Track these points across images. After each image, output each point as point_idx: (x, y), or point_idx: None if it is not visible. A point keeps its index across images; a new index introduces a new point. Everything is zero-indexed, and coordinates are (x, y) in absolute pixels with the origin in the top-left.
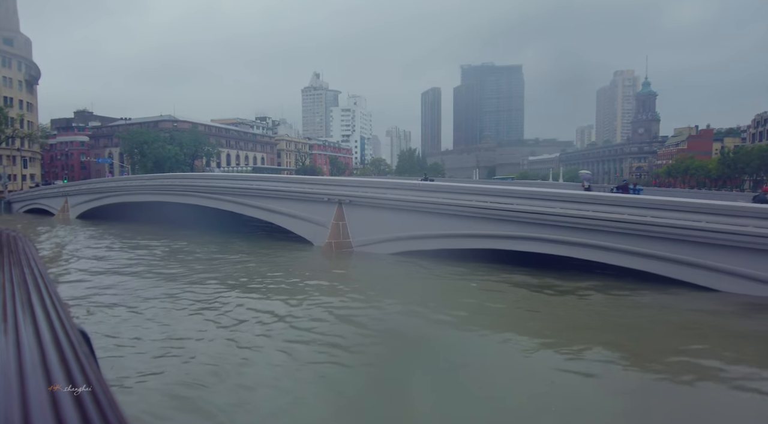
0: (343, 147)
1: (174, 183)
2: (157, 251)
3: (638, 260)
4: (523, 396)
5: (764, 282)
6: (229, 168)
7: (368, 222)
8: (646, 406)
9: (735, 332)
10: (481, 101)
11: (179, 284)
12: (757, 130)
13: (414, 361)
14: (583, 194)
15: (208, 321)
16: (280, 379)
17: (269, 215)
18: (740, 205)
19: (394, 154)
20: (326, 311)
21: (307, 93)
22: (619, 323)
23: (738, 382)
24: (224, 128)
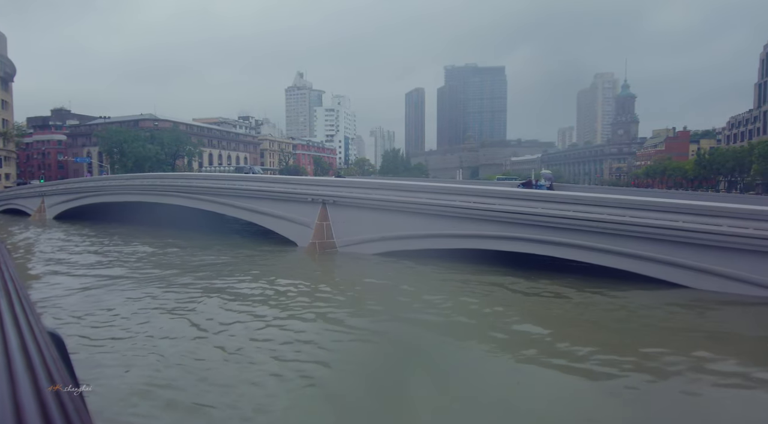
0: (327, 147)
1: (154, 183)
2: (135, 253)
3: (618, 259)
4: (490, 395)
5: (738, 280)
6: (212, 168)
7: (352, 222)
8: (610, 401)
9: (701, 330)
10: (464, 102)
11: (156, 285)
12: (732, 132)
13: (392, 360)
14: (563, 195)
15: (184, 323)
16: (259, 380)
17: (252, 215)
18: (714, 205)
19: (378, 154)
20: (306, 311)
21: (291, 93)
22: (591, 320)
23: (711, 378)
24: (206, 127)
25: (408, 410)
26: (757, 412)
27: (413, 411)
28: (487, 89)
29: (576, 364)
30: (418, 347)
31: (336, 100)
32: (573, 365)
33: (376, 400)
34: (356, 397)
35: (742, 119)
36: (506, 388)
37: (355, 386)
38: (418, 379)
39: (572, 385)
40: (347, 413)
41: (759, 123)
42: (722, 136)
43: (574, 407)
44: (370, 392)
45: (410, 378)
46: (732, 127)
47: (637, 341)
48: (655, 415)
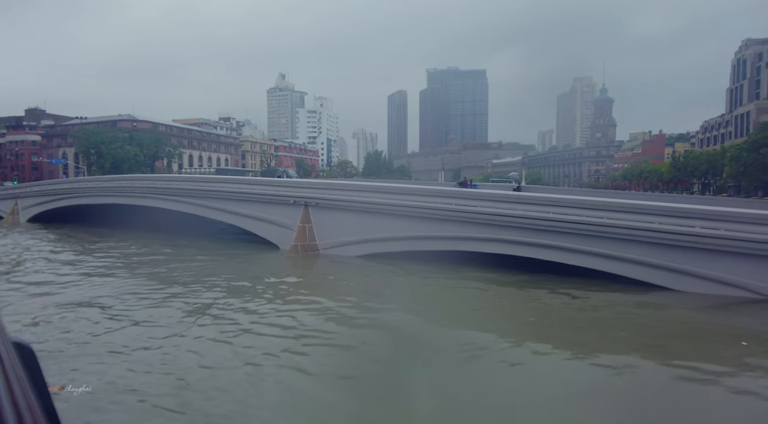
0: (309, 149)
1: (133, 185)
2: (111, 257)
3: (597, 260)
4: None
5: (711, 280)
6: (192, 169)
7: (335, 224)
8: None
9: (671, 330)
10: (446, 104)
11: (129, 289)
12: (705, 136)
13: (370, 359)
14: (543, 197)
15: (157, 329)
16: (236, 383)
17: (233, 217)
18: (688, 207)
19: (361, 156)
20: (285, 315)
21: (273, 94)
22: (564, 320)
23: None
24: (186, 129)
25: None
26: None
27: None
28: (468, 92)
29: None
30: (398, 351)
31: (318, 101)
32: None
33: (357, 406)
34: (335, 404)
35: (715, 123)
36: (492, 390)
37: (334, 394)
38: (397, 385)
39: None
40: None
41: (731, 127)
42: (696, 140)
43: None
44: (349, 399)
45: (389, 386)
46: (705, 130)
47: (594, 339)
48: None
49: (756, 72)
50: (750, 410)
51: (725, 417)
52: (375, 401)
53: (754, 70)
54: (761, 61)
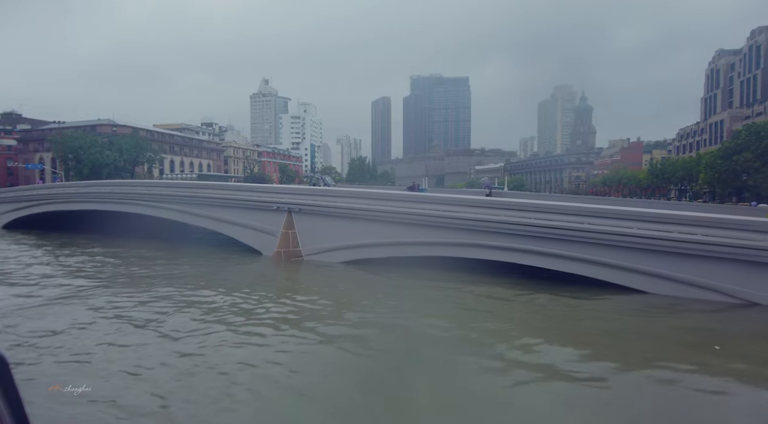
0: (293, 155)
1: (112, 190)
2: (90, 264)
3: (577, 264)
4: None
5: (688, 284)
6: (173, 175)
7: (318, 230)
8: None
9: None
10: (429, 111)
11: (108, 298)
12: (681, 144)
13: (346, 371)
14: (525, 202)
15: (137, 336)
16: (209, 391)
17: (216, 223)
18: (665, 212)
19: (345, 162)
20: (264, 324)
21: (256, 99)
22: (537, 324)
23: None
24: (168, 133)
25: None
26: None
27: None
28: (451, 99)
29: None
30: (376, 359)
31: (302, 107)
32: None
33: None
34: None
35: (691, 131)
36: (473, 393)
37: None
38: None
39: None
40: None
41: (706, 135)
42: (673, 147)
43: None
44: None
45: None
46: (681, 138)
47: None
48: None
49: (728, 82)
50: (719, 410)
51: (693, 418)
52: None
53: (726, 79)
54: (733, 72)
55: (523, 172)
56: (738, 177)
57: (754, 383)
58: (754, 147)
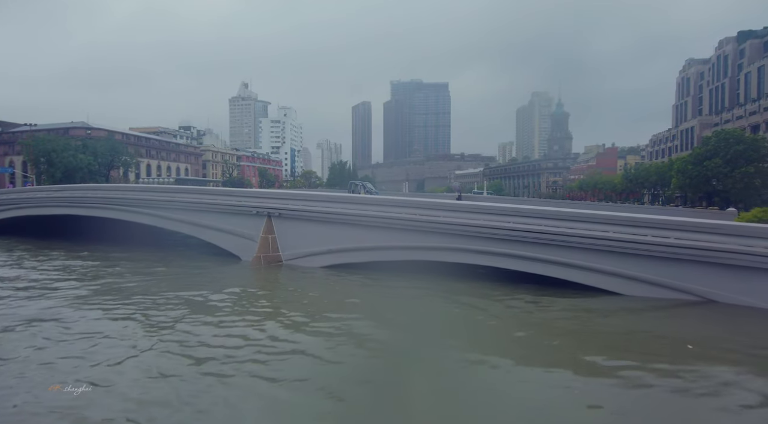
0: (272, 159)
1: (86, 195)
2: (60, 270)
3: (554, 268)
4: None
5: (660, 285)
6: (150, 179)
7: (299, 235)
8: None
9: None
10: (410, 116)
11: (81, 305)
12: (654, 149)
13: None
14: (504, 206)
15: (111, 342)
16: (182, 399)
17: (194, 228)
18: (639, 216)
19: (325, 166)
20: (240, 330)
21: (235, 103)
22: (511, 328)
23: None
24: (145, 137)
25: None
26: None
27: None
28: (431, 104)
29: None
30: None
31: (282, 111)
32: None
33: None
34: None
35: (663, 137)
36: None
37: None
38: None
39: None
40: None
41: (677, 141)
42: (646, 153)
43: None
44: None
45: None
46: (654, 144)
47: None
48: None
49: (698, 90)
50: (693, 409)
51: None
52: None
53: (696, 88)
54: (703, 80)
55: (501, 177)
56: (708, 182)
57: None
58: (723, 153)
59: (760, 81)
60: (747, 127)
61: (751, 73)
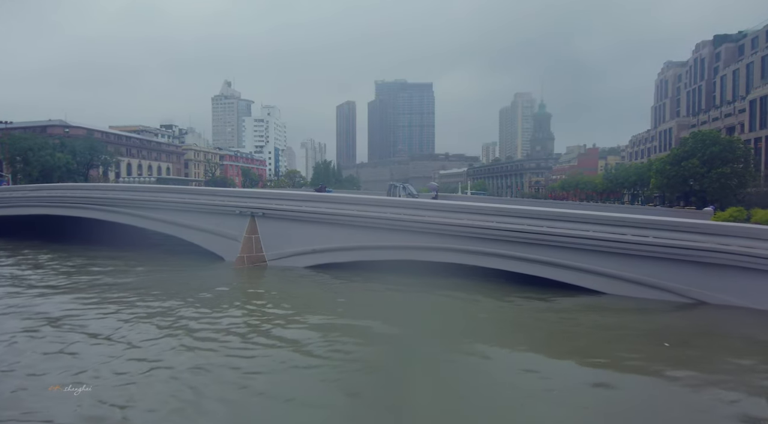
0: (256, 158)
1: (64, 194)
2: (38, 271)
3: (538, 267)
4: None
5: (641, 284)
6: (130, 178)
7: (283, 235)
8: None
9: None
10: (394, 116)
11: (61, 307)
12: (634, 150)
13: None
14: (489, 206)
15: (89, 343)
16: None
17: (175, 228)
18: (619, 215)
19: (310, 166)
20: (220, 332)
21: (218, 101)
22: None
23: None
24: (125, 136)
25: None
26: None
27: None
28: (416, 104)
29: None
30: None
31: (266, 110)
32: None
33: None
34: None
35: (642, 138)
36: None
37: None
38: None
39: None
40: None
41: (656, 142)
42: (626, 153)
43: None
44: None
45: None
46: (634, 144)
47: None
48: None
49: (676, 92)
50: (670, 404)
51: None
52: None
53: (674, 90)
54: (680, 82)
55: (485, 176)
56: (685, 182)
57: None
58: (700, 154)
59: (735, 84)
60: (723, 128)
61: (726, 76)
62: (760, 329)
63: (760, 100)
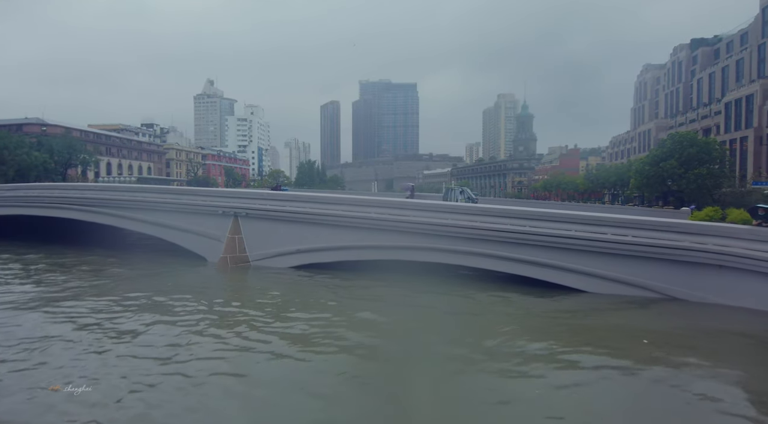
0: (239, 158)
1: (42, 194)
2: (16, 273)
3: (521, 266)
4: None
5: (620, 282)
6: (110, 178)
7: (266, 235)
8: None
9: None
10: (379, 116)
11: (40, 310)
12: (614, 151)
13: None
14: (473, 207)
15: (69, 347)
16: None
17: (157, 229)
18: (600, 215)
19: (294, 166)
20: (201, 332)
21: (200, 100)
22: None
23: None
24: (105, 134)
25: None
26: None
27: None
28: (400, 104)
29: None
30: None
31: (249, 109)
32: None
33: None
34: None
35: (622, 139)
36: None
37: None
38: None
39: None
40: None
41: (635, 143)
42: (606, 154)
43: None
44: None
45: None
46: (614, 145)
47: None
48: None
49: (654, 94)
50: (643, 399)
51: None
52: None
53: (653, 92)
54: (659, 85)
55: (469, 177)
56: (664, 183)
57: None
58: (678, 155)
59: (711, 87)
60: (699, 130)
61: (702, 79)
62: (733, 324)
63: (734, 103)
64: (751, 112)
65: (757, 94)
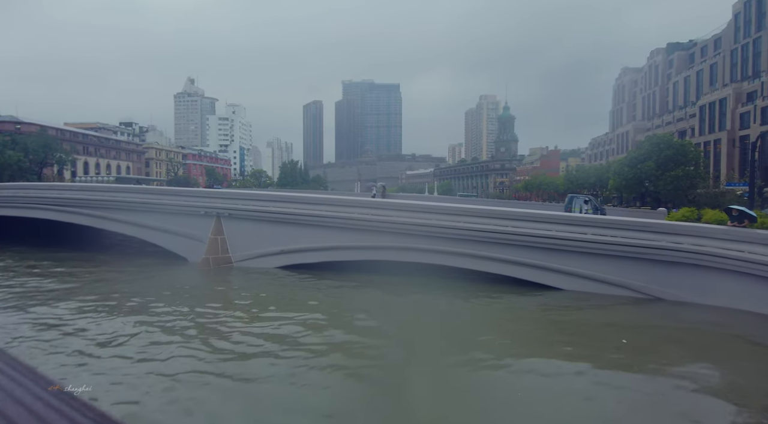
0: (220, 157)
1: (15, 194)
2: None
3: (502, 265)
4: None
5: (596, 280)
6: (88, 177)
7: (249, 236)
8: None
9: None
10: (362, 116)
11: (11, 313)
12: (593, 152)
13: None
14: (455, 207)
15: (41, 351)
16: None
17: (137, 229)
18: (579, 216)
19: (276, 166)
20: (182, 334)
21: (181, 99)
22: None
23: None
24: (82, 133)
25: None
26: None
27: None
28: (383, 105)
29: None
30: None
31: (230, 108)
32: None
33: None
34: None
35: (601, 141)
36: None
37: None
38: None
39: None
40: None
41: (614, 144)
42: (586, 155)
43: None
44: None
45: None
46: (593, 147)
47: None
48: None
49: (632, 97)
50: (632, 402)
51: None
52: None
53: (631, 95)
54: (636, 88)
55: (451, 177)
56: (641, 184)
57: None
58: (655, 157)
59: (686, 90)
60: (675, 132)
61: (678, 83)
62: (709, 325)
63: (708, 106)
64: (725, 115)
65: (729, 98)
